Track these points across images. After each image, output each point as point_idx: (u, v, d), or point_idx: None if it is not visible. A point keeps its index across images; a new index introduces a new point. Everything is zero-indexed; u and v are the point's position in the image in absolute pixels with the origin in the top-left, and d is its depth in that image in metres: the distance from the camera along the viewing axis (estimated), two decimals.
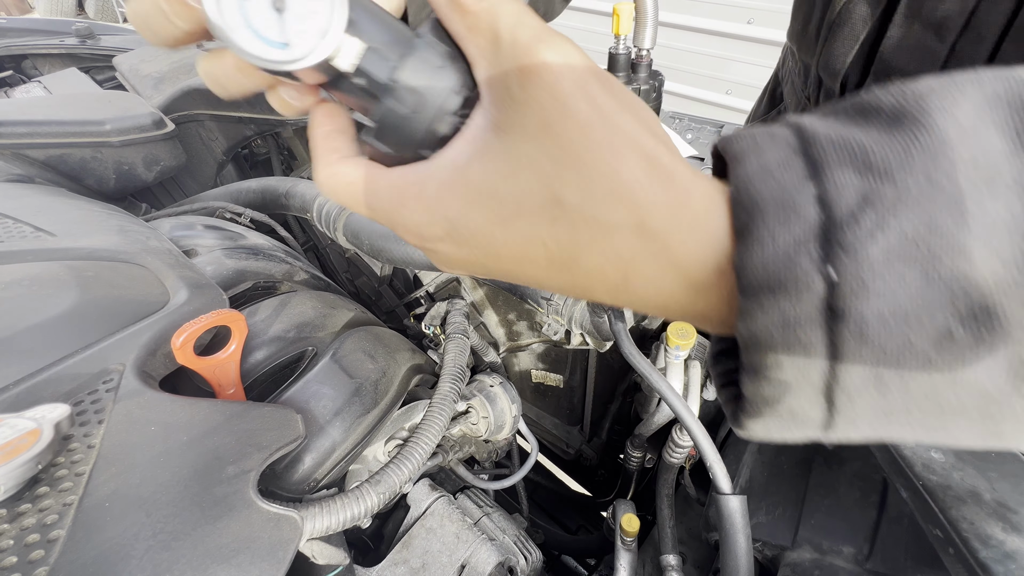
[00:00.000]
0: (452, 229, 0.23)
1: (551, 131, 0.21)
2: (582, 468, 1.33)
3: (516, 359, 1.16)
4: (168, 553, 0.40)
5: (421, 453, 0.63)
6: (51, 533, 0.39)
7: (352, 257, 1.38)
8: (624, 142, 0.21)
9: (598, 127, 0.21)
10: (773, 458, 0.73)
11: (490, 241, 0.23)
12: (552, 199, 0.21)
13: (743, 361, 0.20)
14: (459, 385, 0.74)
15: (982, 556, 0.40)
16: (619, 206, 0.21)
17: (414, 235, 0.25)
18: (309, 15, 0.22)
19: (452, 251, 0.24)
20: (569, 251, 0.22)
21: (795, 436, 0.21)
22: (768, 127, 0.21)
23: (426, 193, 0.23)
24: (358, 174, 0.25)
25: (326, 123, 0.27)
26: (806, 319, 0.18)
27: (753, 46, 3.17)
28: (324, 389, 0.62)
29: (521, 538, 0.74)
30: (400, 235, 0.26)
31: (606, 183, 0.21)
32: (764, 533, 0.65)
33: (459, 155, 0.23)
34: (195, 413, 0.49)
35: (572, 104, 0.21)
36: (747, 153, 0.20)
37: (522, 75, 0.21)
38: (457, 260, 0.25)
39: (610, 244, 0.21)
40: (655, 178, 0.21)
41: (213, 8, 0.21)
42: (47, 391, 0.49)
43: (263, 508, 0.44)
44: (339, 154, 0.26)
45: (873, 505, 0.61)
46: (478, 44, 0.23)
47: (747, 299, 0.19)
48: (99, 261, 0.67)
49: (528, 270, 0.24)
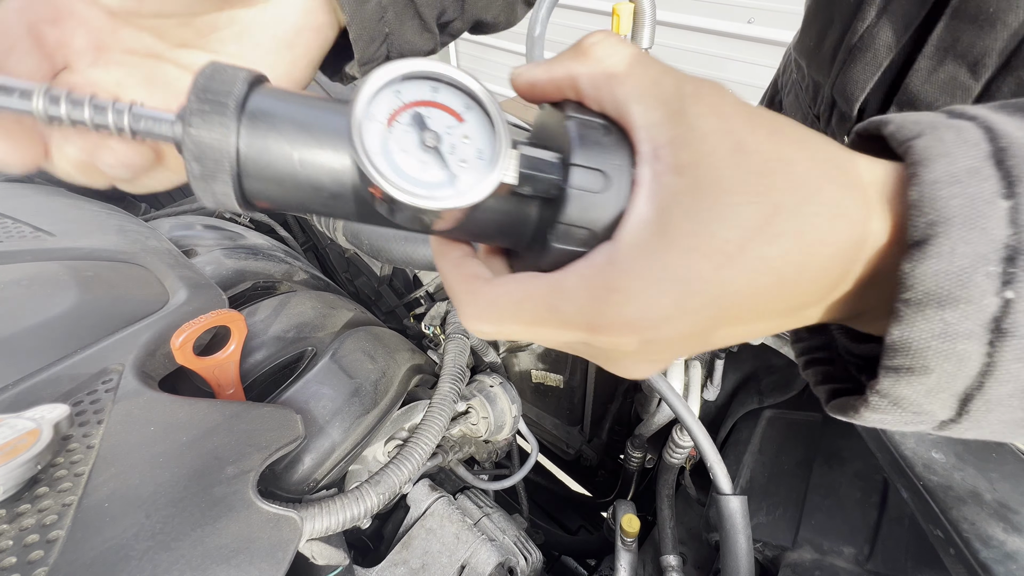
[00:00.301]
0: (682, 294, 0.20)
1: (746, 147, 0.20)
2: (582, 468, 1.33)
3: (516, 359, 1.16)
4: (167, 553, 0.39)
5: (421, 453, 0.63)
6: (50, 533, 0.39)
7: (352, 257, 1.38)
8: (804, 136, 0.21)
9: (784, 127, 0.21)
10: (774, 459, 0.73)
11: (721, 290, 0.20)
12: (768, 214, 0.19)
13: (885, 362, 0.20)
14: (459, 385, 0.74)
15: (983, 556, 0.40)
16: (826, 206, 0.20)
17: (633, 325, 0.20)
18: (461, 143, 0.22)
19: (679, 326, 0.21)
20: (797, 261, 0.20)
21: (905, 428, 0.22)
22: (950, 116, 0.20)
23: (637, 267, 0.20)
24: (531, 285, 0.22)
25: (451, 251, 0.25)
26: (969, 334, 0.18)
27: (753, 46, 3.17)
28: (323, 389, 0.62)
29: (521, 538, 0.74)
30: (607, 337, 0.21)
31: (812, 180, 0.20)
32: (765, 533, 0.65)
33: (651, 212, 0.20)
34: (194, 413, 0.49)
35: (756, 114, 0.21)
36: (933, 154, 0.19)
37: (696, 105, 0.20)
38: (681, 336, 0.21)
39: (833, 240, 0.20)
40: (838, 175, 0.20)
41: (380, 178, 0.20)
42: (46, 391, 0.49)
43: (263, 508, 0.44)
44: (484, 279, 0.24)
45: (874, 505, 0.61)
46: (643, 103, 0.21)
47: (909, 307, 0.19)
48: (98, 261, 0.67)
49: (758, 307, 0.21)
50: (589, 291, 0.20)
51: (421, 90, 0.22)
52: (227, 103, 0.21)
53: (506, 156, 0.21)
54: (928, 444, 0.48)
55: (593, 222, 0.21)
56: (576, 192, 0.21)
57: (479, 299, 0.23)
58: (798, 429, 0.74)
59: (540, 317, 0.21)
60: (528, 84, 0.24)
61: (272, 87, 0.23)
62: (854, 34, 0.52)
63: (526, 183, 0.22)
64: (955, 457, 0.47)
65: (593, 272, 0.21)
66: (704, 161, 0.20)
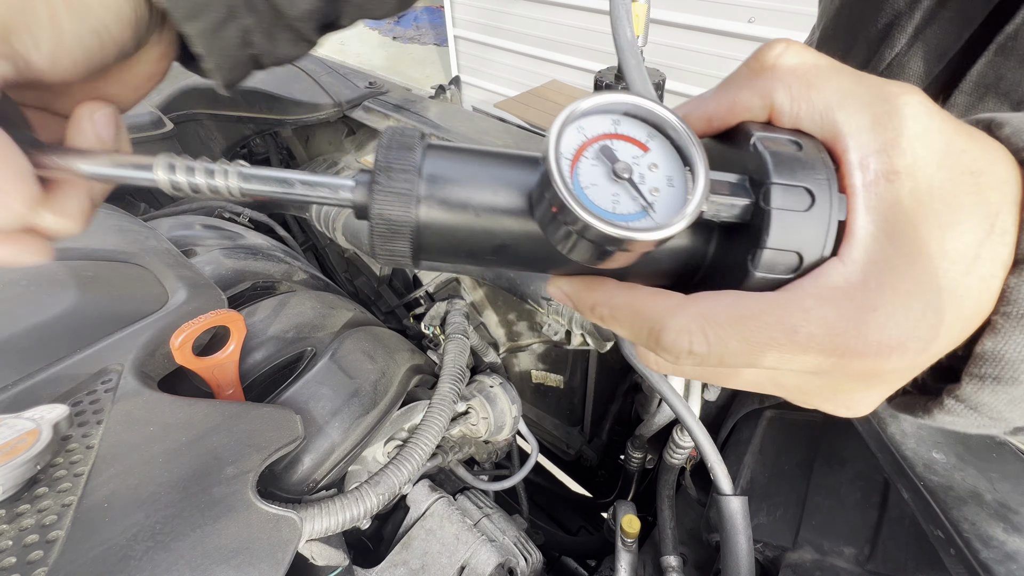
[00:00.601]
0: (942, 307, 0.19)
1: (953, 147, 0.19)
2: (582, 469, 1.33)
3: (516, 359, 1.16)
4: (167, 554, 0.39)
5: (421, 454, 0.63)
6: (50, 534, 0.39)
7: (351, 257, 1.38)
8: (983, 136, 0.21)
9: (969, 127, 0.20)
10: (774, 459, 0.73)
11: (967, 299, 0.19)
12: (989, 217, 0.19)
13: (972, 370, 0.20)
14: (459, 386, 0.74)
15: (983, 557, 0.40)
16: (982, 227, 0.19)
17: (903, 346, 0.19)
18: (649, 173, 0.21)
19: (943, 342, 0.19)
20: (991, 272, 0.20)
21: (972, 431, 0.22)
22: None
23: (888, 283, 0.19)
24: (756, 303, 0.20)
25: (607, 281, 0.24)
26: None
27: (754, 45, 3.16)
28: (323, 390, 0.62)
29: (521, 539, 0.74)
30: (867, 362, 0.19)
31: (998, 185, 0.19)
32: (765, 534, 0.65)
33: (876, 224, 0.19)
34: (194, 413, 0.49)
35: (947, 114, 0.20)
36: None
37: (902, 107, 0.19)
38: (936, 354, 0.20)
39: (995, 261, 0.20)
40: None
41: (586, 215, 0.20)
42: (45, 391, 0.49)
43: (262, 509, 0.44)
44: (675, 299, 0.22)
45: (874, 506, 0.61)
46: (846, 109, 0.20)
47: (1008, 320, 0.19)
48: (98, 261, 0.67)
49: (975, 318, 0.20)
50: (840, 312, 0.19)
51: (603, 123, 0.22)
52: (409, 173, 0.22)
53: (706, 180, 0.20)
54: (929, 444, 0.48)
55: (802, 244, 0.20)
56: (780, 213, 0.20)
57: (687, 311, 0.20)
58: (799, 429, 0.74)
59: (772, 338, 0.19)
60: (705, 119, 0.23)
61: (440, 143, 0.24)
62: (881, 60, 0.49)
63: (718, 209, 0.21)
64: (956, 457, 0.47)
65: (837, 293, 0.19)
66: (918, 165, 0.19)
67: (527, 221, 0.23)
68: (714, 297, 0.21)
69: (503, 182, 0.23)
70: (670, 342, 0.21)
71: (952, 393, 0.21)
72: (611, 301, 0.23)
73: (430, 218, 0.23)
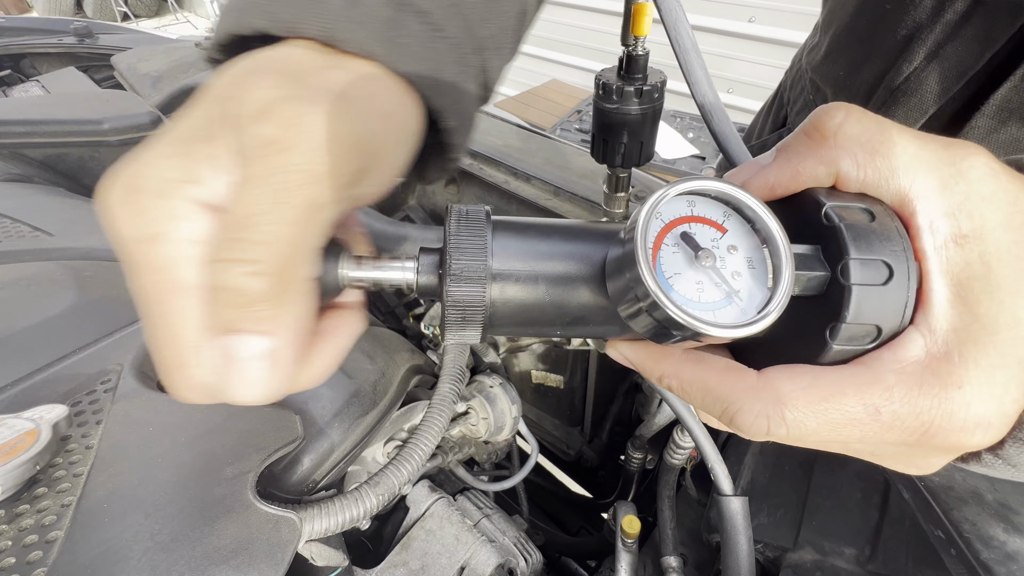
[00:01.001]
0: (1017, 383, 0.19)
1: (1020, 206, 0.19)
2: (583, 469, 1.33)
3: (516, 359, 1.16)
4: (166, 554, 0.39)
5: (420, 454, 0.63)
6: (49, 534, 0.39)
7: None
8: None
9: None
10: (775, 459, 0.73)
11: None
12: None
13: (1018, 434, 0.20)
14: (459, 386, 0.74)
15: (984, 557, 0.40)
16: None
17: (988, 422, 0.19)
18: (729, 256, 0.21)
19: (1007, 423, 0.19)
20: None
21: (1005, 477, 0.22)
22: None
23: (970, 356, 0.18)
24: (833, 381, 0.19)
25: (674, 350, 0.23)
26: None
27: (754, 44, 3.17)
28: (322, 390, 0.62)
29: (521, 540, 0.74)
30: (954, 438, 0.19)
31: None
32: (766, 534, 0.65)
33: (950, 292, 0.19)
34: (193, 414, 0.49)
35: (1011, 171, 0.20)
36: None
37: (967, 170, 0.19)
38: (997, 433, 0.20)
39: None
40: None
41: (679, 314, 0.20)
42: (45, 391, 0.49)
43: (261, 509, 0.44)
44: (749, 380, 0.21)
45: (875, 506, 0.61)
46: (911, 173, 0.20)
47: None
48: (97, 261, 0.67)
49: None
50: (924, 390, 0.18)
51: (678, 207, 0.22)
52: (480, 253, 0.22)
53: (791, 265, 0.20)
54: None
55: (882, 317, 0.20)
56: (860, 288, 0.20)
57: (763, 395, 0.20)
58: None
59: (853, 419, 0.19)
60: (767, 188, 0.23)
61: (505, 220, 0.24)
62: (898, 74, 0.48)
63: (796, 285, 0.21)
64: None
65: (919, 367, 0.19)
66: (986, 228, 0.19)
67: (598, 296, 0.23)
68: (790, 377, 0.20)
69: (572, 257, 0.23)
70: (747, 425, 0.20)
71: (995, 452, 0.21)
72: (680, 375, 0.23)
73: (503, 297, 0.23)
